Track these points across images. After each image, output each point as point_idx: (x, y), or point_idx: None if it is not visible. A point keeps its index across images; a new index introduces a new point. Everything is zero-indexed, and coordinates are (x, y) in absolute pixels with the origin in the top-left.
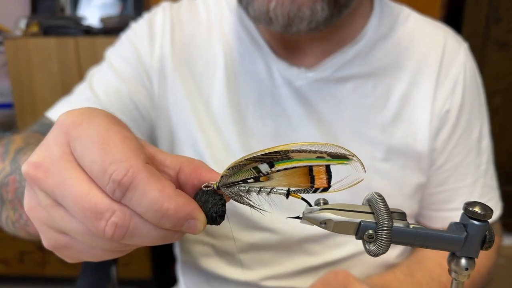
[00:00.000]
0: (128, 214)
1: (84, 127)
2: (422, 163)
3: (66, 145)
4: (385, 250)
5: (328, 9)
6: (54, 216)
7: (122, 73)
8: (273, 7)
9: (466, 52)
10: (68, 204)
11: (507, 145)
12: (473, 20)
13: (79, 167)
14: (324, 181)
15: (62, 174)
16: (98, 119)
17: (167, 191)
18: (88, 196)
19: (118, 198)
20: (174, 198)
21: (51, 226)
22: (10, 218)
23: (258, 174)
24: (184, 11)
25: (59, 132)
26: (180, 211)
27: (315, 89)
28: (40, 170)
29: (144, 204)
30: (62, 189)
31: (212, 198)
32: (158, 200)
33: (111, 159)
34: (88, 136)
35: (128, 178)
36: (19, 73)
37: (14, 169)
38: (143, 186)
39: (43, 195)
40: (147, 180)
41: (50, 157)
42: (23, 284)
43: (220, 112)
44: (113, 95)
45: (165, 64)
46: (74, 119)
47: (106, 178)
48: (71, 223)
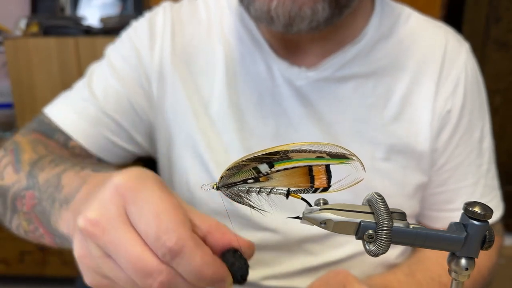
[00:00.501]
0: (173, 275)
1: (140, 193)
2: (423, 163)
3: (122, 207)
4: (385, 250)
5: (329, 9)
6: (103, 266)
7: (121, 73)
8: (274, 6)
9: (467, 52)
10: (120, 261)
11: (507, 145)
12: (473, 20)
13: (133, 229)
14: (324, 181)
15: (118, 234)
16: (152, 185)
17: (207, 258)
18: (141, 257)
19: (166, 261)
20: (212, 265)
21: (98, 272)
22: (22, 227)
23: (258, 174)
24: (185, 11)
25: (115, 194)
26: (216, 276)
27: (316, 89)
28: (97, 228)
29: (188, 269)
30: (116, 247)
31: (238, 262)
32: (200, 266)
33: (165, 228)
34: (144, 202)
35: (178, 246)
36: (19, 73)
37: (32, 185)
38: (189, 254)
39: (96, 248)
40: (193, 248)
41: (106, 216)
42: (23, 284)
43: (220, 113)
44: (111, 95)
45: (164, 65)
46: (130, 183)
47: (160, 244)
48: (119, 274)
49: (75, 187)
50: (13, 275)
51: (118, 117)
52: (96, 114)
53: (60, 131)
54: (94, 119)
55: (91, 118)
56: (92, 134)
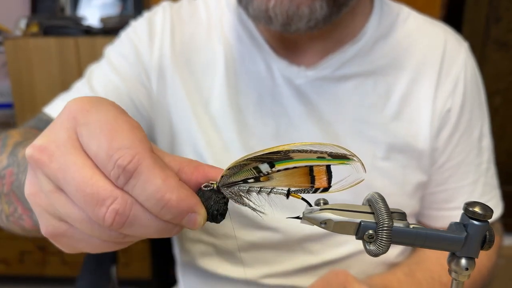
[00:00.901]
0: (129, 202)
1: (92, 114)
2: (423, 162)
3: (72, 130)
4: (385, 250)
5: (327, 7)
6: (55, 203)
7: (121, 71)
8: (272, 5)
9: (466, 52)
10: (69, 190)
11: (507, 145)
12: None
13: (84, 153)
14: (325, 181)
15: (66, 158)
16: (107, 107)
17: (170, 181)
18: (91, 181)
19: (121, 185)
20: (177, 189)
21: (51, 212)
22: (4, 212)
23: (258, 174)
24: (184, 11)
25: (66, 117)
26: (182, 203)
27: (315, 88)
28: (44, 154)
29: (146, 192)
30: (64, 174)
31: (215, 196)
32: (161, 189)
33: (118, 145)
34: (96, 122)
35: (133, 164)
36: (19, 73)
37: (12, 162)
38: (147, 174)
39: (45, 180)
40: (152, 168)
41: (55, 141)
42: (23, 284)
43: (220, 112)
44: (111, 92)
45: (164, 64)
46: (83, 105)
47: (112, 163)
48: (71, 210)
49: None
50: (13, 275)
51: None
52: None
53: None
54: None
55: None
56: None
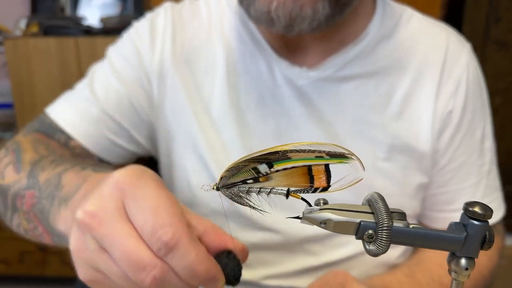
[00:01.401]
0: (166, 270)
1: (139, 189)
2: (424, 164)
3: (120, 201)
4: (385, 250)
5: (329, 7)
6: (97, 259)
7: (122, 73)
8: (275, 7)
9: (469, 53)
10: (115, 254)
11: (507, 145)
12: (473, 20)
13: (130, 223)
14: (324, 181)
15: (114, 226)
16: (150, 182)
17: (202, 256)
18: (135, 250)
19: (161, 256)
20: (206, 262)
21: (92, 266)
22: (22, 226)
23: (257, 174)
24: (186, 12)
25: (114, 188)
26: (209, 274)
27: (317, 89)
28: (94, 220)
29: (182, 264)
30: (112, 240)
31: (232, 263)
32: (194, 263)
33: (161, 222)
34: (142, 198)
35: (173, 241)
36: (19, 73)
37: (32, 184)
38: (184, 249)
39: (92, 241)
40: (188, 244)
41: (104, 209)
42: (23, 284)
43: (221, 113)
44: (112, 96)
45: (165, 65)
46: (129, 179)
47: (155, 238)
48: (112, 268)
49: (75, 186)
50: (13, 275)
51: (119, 117)
52: (97, 114)
53: (61, 131)
54: (95, 119)
55: (92, 118)
56: (92, 134)
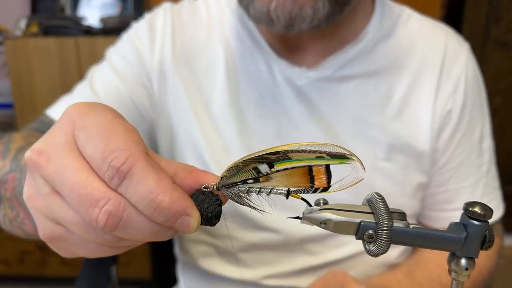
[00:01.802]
0: (122, 203)
1: (90, 117)
2: (423, 163)
3: (70, 134)
4: (385, 250)
5: (328, 5)
6: (51, 205)
7: (122, 73)
8: (274, 7)
9: (467, 53)
10: (65, 191)
11: (507, 145)
12: (473, 20)
13: (81, 156)
14: (324, 181)
15: (62, 161)
16: (104, 111)
17: (163, 183)
18: (85, 183)
19: (115, 186)
20: (170, 191)
21: (48, 215)
22: (7, 216)
23: (257, 174)
24: (185, 12)
25: (65, 121)
26: (175, 205)
27: (317, 89)
28: (42, 157)
29: (139, 193)
30: (60, 176)
31: (209, 198)
32: (153, 191)
33: (113, 147)
34: (92, 126)
35: (126, 166)
36: (19, 73)
37: (14, 167)
38: (140, 175)
39: (42, 183)
40: (145, 169)
41: (53, 145)
42: (23, 284)
43: (221, 113)
44: (113, 95)
45: (165, 65)
46: (81, 110)
47: (106, 164)
48: (67, 213)
49: None
50: (13, 275)
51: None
52: None
53: None
54: None
55: None
56: None
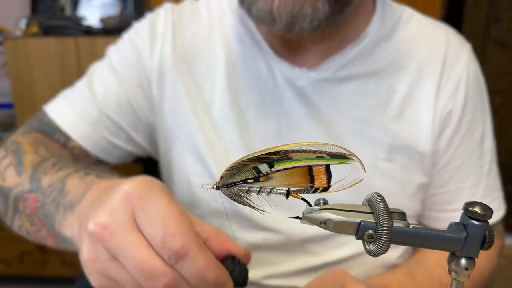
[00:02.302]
0: (177, 278)
1: (148, 200)
2: (424, 164)
3: (131, 213)
4: (385, 250)
5: (328, 6)
6: (110, 269)
7: (121, 74)
8: (277, 6)
9: (469, 53)
10: (127, 264)
11: (507, 145)
12: (473, 20)
13: (141, 234)
14: (324, 181)
15: (126, 238)
16: (159, 193)
17: (210, 262)
18: (147, 259)
19: (171, 264)
20: (214, 269)
21: (105, 275)
22: (24, 227)
23: (257, 174)
24: (186, 13)
25: (124, 200)
26: (218, 279)
27: (317, 89)
28: (106, 231)
29: (192, 272)
30: (124, 250)
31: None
32: (204, 269)
33: (171, 232)
34: (151, 209)
35: (183, 250)
36: (19, 73)
37: (35, 188)
38: (194, 257)
39: (104, 252)
40: (197, 252)
41: (115, 221)
42: (23, 284)
43: (221, 113)
44: (111, 96)
45: (165, 66)
46: (139, 191)
47: (166, 247)
48: (124, 277)
49: (80, 193)
50: (13, 275)
51: (117, 118)
52: (95, 115)
53: (60, 131)
54: (94, 120)
55: (91, 118)
56: (91, 135)
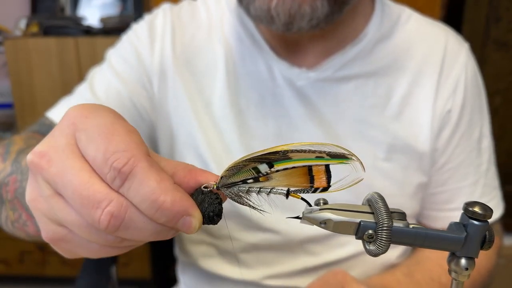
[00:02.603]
0: (124, 204)
1: (91, 119)
2: (423, 163)
3: (71, 135)
4: (385, 250)
5: (327, 5)
6: (54, 207)
7: (123, 74)
8: (274, 5)
9: (467, 53)
10: (67, 193)
11: (507, 145)
12: (473, 20)
13: (82, 157)
14: (324, 181)
15: (64, 163)
16: (104, 113)
17: (165, 183)
18: (87, 184)
19: (116, 187)
20: (171, 192)
21: (51, 217)
22: (9, 218)
23: (257, 174)
24: (185, 13)
25: (66, 124)
26: (176, 205)
27: (317, 89)
28: (44, 159)
29: (141, 194)
30: (62, 178)
31: (209, 198)
32: (155, 191)
33: (114, 148)
34: (93, 127)
35: (128, 167)
36: (19, 73)
37: (15, 169)
38: (142, 176)
39: (45, 185)
40: (147, 170)
41: (54, 147)
42: (23, 284)
43: (221, 113)
44: (113, 97)
45: (165, 66)
46: (82, 112)
47: (108, 166)
48: (69, 215)
49: None
50: (13, 275)
51: None
52: None
53: None
54: None
55: None
56: None
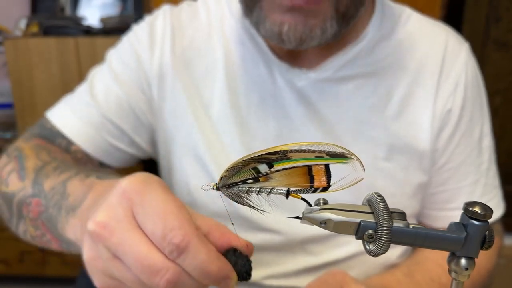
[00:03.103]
0: (179, 272)
1: (146, 196)
2: (424, 163)
3: (129, 209)
4: (385, 250)
5: (336, 25)
6: (111, 267)
7: (122, 77)
8: (286, 30)
9: (467, 53)
10: (128, 260)
11: (507, 145)
12: (473, 20)
13: (140, 230)
14: (324, 181)
15: (124, 234)
16: (156, 188)
17: (212, 255)
18: (148, 255)
19: (173, 258)
20: (216, 261)
21: (107, 274)
22: (29, 232)
23: (257, 174)
24: (185, 15)
25: (122, 197)
26: (221, 272)
27: (317, 90)
28: (106, 230)
29: (194, 264)
30: (124, 248)
31: (241, 260)
32: (205, 262)
33: (171, 226)
34: (149, 204)
35: (184, 243)
36: (19, 73)
37: (37, 192)
38: (195, 250)
39: (104, 250)
40: (198, 245)
41: (114, 219)
42: (23, 284)
43: (221, 115)
44: (112, 100)
45: (165, 69)
46: (136, 187)
47: (166, 241)
48: (126, 274)
49: (81, 195)
50: (13, 275)
51: (119, 121)
52: (97, 118)
53: (61, 136)
54: (96, 124)
55: (93, 122)
56: (93, 139)
